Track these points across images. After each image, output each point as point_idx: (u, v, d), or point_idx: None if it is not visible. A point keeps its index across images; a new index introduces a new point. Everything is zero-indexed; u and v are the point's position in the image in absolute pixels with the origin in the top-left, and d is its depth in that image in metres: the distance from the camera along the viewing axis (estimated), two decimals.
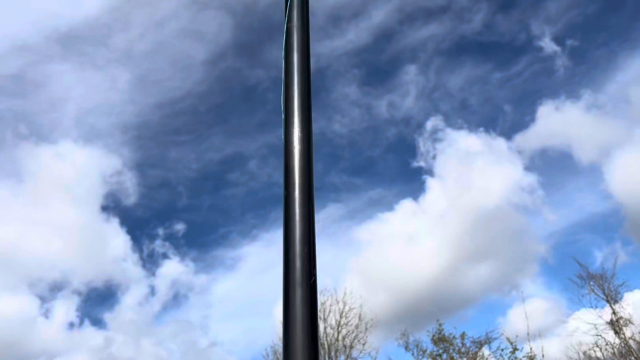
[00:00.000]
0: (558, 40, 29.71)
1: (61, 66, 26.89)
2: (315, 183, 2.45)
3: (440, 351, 21.95)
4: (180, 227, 30.12)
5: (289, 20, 2.78)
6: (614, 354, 21.70)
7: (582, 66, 30.88)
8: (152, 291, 29.96)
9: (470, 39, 31.52)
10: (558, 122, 29.36)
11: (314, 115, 2.63)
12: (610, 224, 30.10)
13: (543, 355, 20.09)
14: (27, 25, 25.21)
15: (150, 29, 27.30)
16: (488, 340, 22.03)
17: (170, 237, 30.96)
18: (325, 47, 30.00)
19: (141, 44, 28.05)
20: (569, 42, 30.08)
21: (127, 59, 27.85)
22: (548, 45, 29.98)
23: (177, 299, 29.85)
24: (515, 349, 20.56)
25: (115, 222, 30.19)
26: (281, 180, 2.45)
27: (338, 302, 23.51)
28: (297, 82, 2.65)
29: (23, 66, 26.05)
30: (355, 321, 23.13)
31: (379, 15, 29.93)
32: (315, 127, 2.56)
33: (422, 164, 29.73)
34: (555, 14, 29.98)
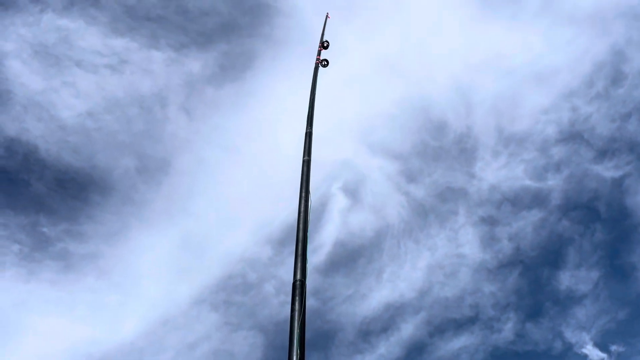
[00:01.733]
0: (600, 347, 30.96)
1: None
2: None
3: None
4: None
5: None
6: None
7: None
8: None
9: (504, 349, 32.89)
10: None
11: None
12: None
13: None
14: (63, 354, 27.62)
15: (182, 351, 29.68)
16: None
17: None
18: None
19: None
20: (613, 348, 31.18)
21: None
22: (592, 352, 30.70)
23: None
24: None
25: None
26: None
27: None
28: None
29: None
30: None
31: (407, 329, 31.83)
32: None
33: None
34: (586, 321, 31.62)
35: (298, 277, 5.17)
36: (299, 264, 5.27)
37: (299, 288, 5.06)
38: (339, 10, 33.49)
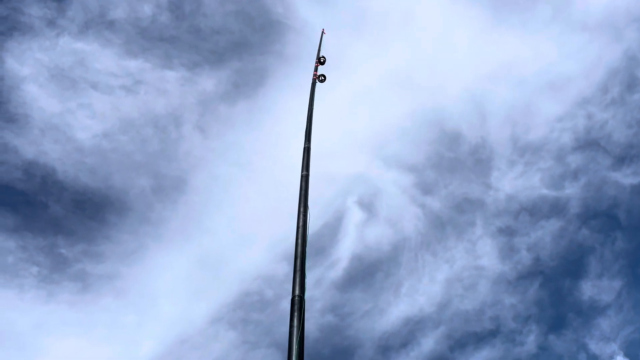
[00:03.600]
0: (631, 357, 30.18)
1: None
2: None
3: None
4: None
5: None
6: None
7: None
8: None
9: None
10: None
11: None
12: None
13: None
14: None
15: None
16: None
17: None
18: None
19: None
20: None
21: None
22: None
23: None
24: None
25: None
26: None
27: None
28: None
29: None
30: None
31: (428, 344, 31.11)
32: None
33: None
34: (610, 331, 30.77)
35: (297, 292, 5.13)
36: (297, 280, 5.24)
37: (297, 303, 5.02)
38: (348, 25, 33.82)
